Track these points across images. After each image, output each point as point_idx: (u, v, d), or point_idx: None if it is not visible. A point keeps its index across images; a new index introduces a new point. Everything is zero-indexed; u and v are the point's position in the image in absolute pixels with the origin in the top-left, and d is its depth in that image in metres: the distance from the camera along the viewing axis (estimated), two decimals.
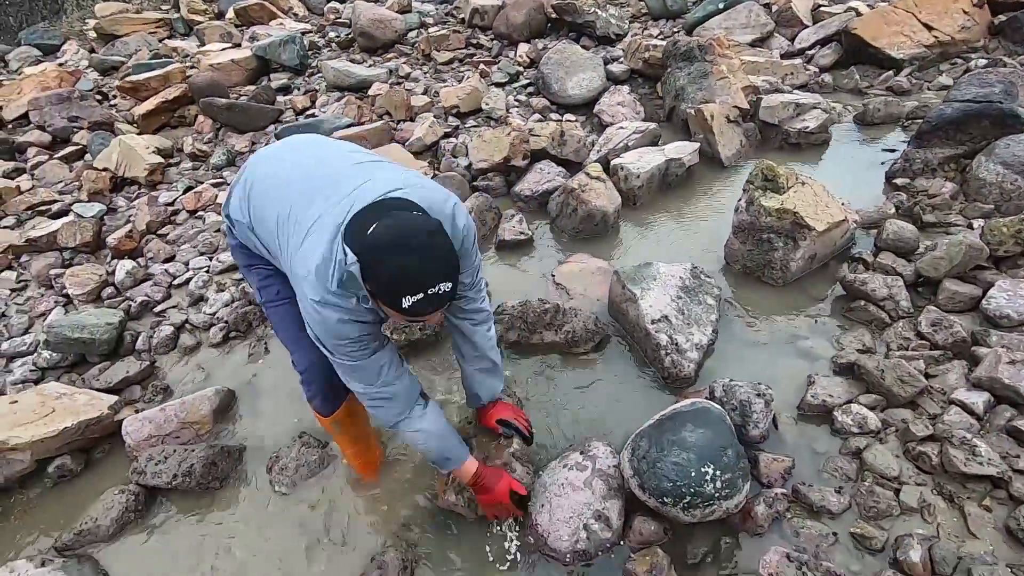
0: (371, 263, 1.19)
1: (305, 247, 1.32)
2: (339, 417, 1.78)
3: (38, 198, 3.64)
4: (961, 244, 2.20)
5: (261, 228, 1.49)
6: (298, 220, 1.36)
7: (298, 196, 1.40)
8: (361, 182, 1.36)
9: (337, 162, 1.48)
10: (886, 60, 3.92)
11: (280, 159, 1.56)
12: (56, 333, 2.40)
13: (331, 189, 1.37)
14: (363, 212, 1.28)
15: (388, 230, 1.19)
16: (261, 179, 1.53)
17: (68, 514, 1.95)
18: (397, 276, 1.17)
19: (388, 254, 1.17)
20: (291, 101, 4.64)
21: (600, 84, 4.17)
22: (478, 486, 1.66)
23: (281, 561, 1.76)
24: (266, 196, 1.49)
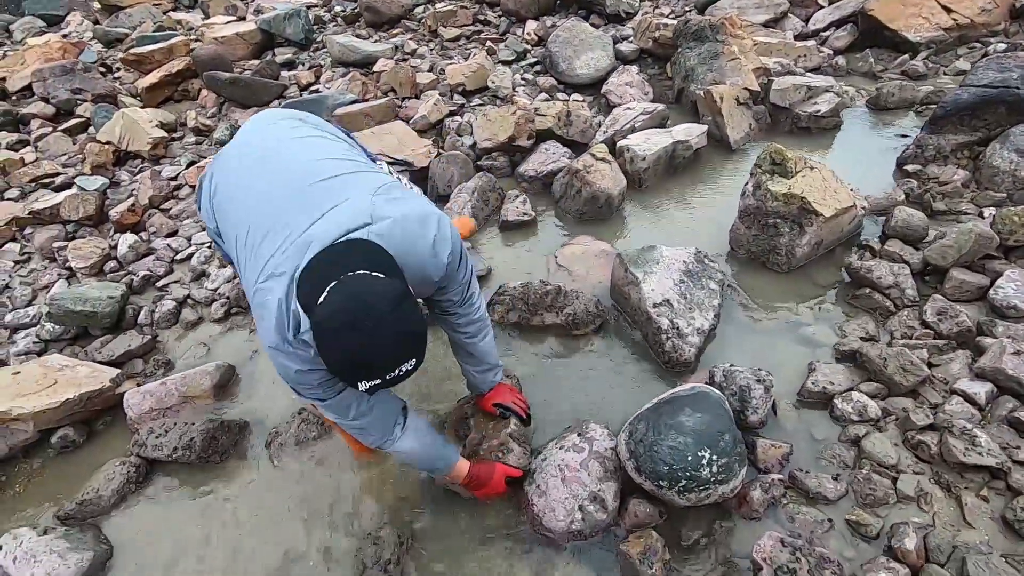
0: (322, 342, 1.04)
1: (264, 288, 1.19)
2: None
3: (41, 170, 3.64)
4: (971, 232, 2.16)
5: (223, 239, 1.42)
6: (255, 252, 1.24)
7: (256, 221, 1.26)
8: (321, 213, 1.20)
9: (304, 173, 1.30)
10: (902, 43, 3.83)
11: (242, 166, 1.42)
12: (59, 305, 2.41)
13: (290, 219, 1.21)
14: (318, 262, 1.13)
15: (339, 307, 1.02)
16: (223, 187, 1.42)
17: (70, 484, 1.98)
18: (350, 362, 1.03)
19: (340, 337, 1.01)
20: (296, 76, 4.59)
21: (609, 64, 4.10)
22: (472, 484, 1.67)
23: (279, 535, 1.78)
24: (226, 210, 1.38)
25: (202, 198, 1.53)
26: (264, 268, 1.20)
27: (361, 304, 1.02)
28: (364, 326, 1.00)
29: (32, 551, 1.68)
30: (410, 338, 1.06)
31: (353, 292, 1.04)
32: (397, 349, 1.05)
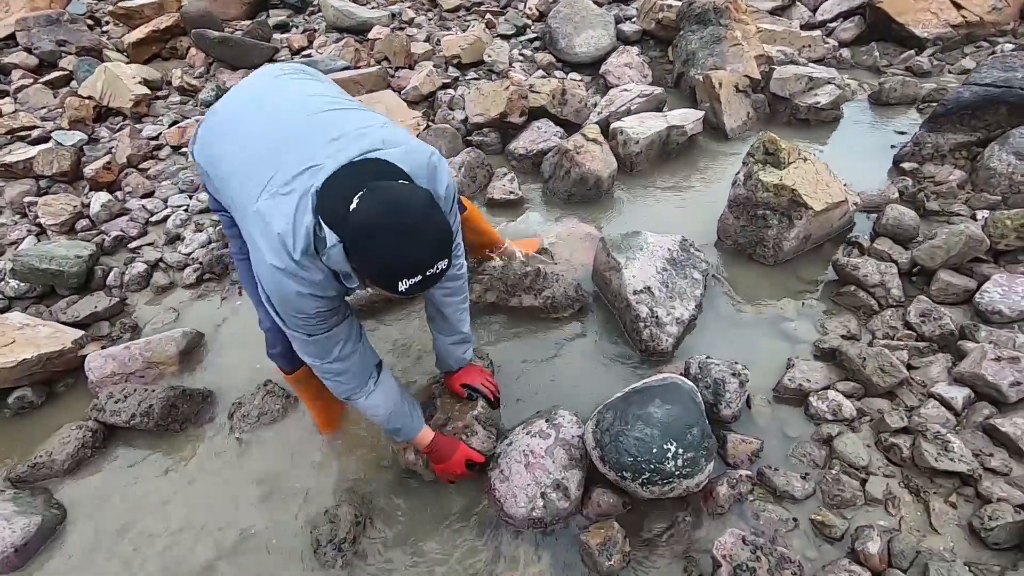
0: (360, 245, 1.07)
1: (264, 208, 1.17)
2: (300, 376, 1.74)
3: (19, 123, 3.52)
4: (961, 235, 2.11)
5: (216, 174, 1.37)
6: (256, 176, 1.22)
7: (257, 149, 1.25)
8: (330, 138, 1.21)
9: (301, 112, 1.31)
10: (909, 38, 3.74)
11: (241, 102, 1.40)
12: (23, 263, 2.33)
13: (296, 146, 1.21)
14: (338, 178, 1.14)
15: (377, 207, 1.06)
16: (220, 122, 1.39)
17: (25, 446, 1.93)
18: (392, 260, 1.06)
19: (380, 235, 1.04)
20: (288, 40, 4.46)
21: (609, 43, 3.99)
22: (432, 455, 1.64)
23: (235, 509, 1.74)
24: (222, 142, 1.35)
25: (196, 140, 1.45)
26: (266, 187, 1.18)
27: (397, 206, 1.06)
28: (404, 226, 1.05)
29: None
30: (445, 236, 1.11)
31: (387, 197, 1.07)
32: (435, 246, 1.09)
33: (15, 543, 1.58)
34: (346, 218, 1.07)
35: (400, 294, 1.10)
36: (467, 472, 1.65)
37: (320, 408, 1.89)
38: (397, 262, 1.06)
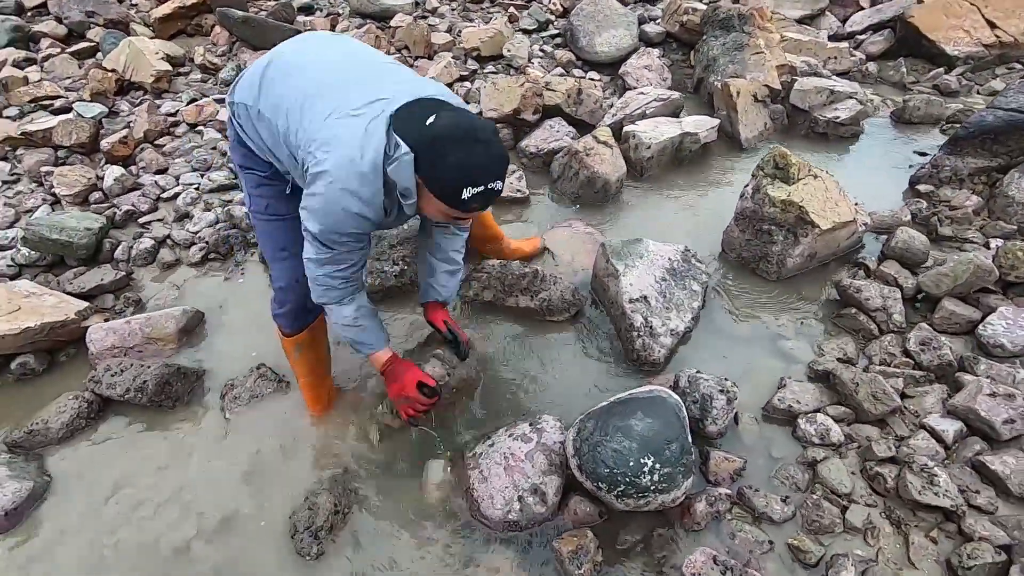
0: (435, 152, 1.18)
1: (334, 125, 1.27)
2: (301, 340, 1.78)
3: (43, 91, 3.58)
4: (970, 263, 2.07)
5: (270, 106, 1.41)
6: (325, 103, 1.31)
7: (327, 81, 1.36)
8: (402, 78, 1.36)
9: (368, 60, 1.47)
10: (939, 56, 3.64)
11: (307, 44, 1.51)
12: (34, 231, 2.38)
13: (364, 83, 1.34)
14: (411, 105, 1.26)
15: (453, 121, 1.19)
16: (285, 58, 1.47)
17: (23, 412, 1.97)
18: (463, 167, 1.17)
19: (455, 144, 1.17)
20: (311, 23, 4.47)
21: (631, 44, 3.94)
22: (387, 374, 1.68)
23: (220, 488, 1.77)
24: (289, 74, 1.42)
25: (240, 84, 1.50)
26: (334, 111, 1.28)
27: (471, 123, 1.20)
28: (477, 139, 1.19)
29: None
30: (506, 158, 1.27)
31: (461, 116, 1.22)
32: (499, 162, 1.23)
33: (5, 507, 1.63)
34: (424, 130, 1.19)
35: (460, 206, 1.21)
36: (418, 396, 1.65)
37: (312, 383, 1.91)
38: (467, 168, 1.18)
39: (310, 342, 1.82)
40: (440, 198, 1.23)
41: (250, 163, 1.60)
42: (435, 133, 1.18)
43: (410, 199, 1.29)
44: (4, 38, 4.15)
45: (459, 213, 1.28)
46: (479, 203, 1.24)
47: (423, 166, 1.21)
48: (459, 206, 1.23)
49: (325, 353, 1.92)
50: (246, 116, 1.48)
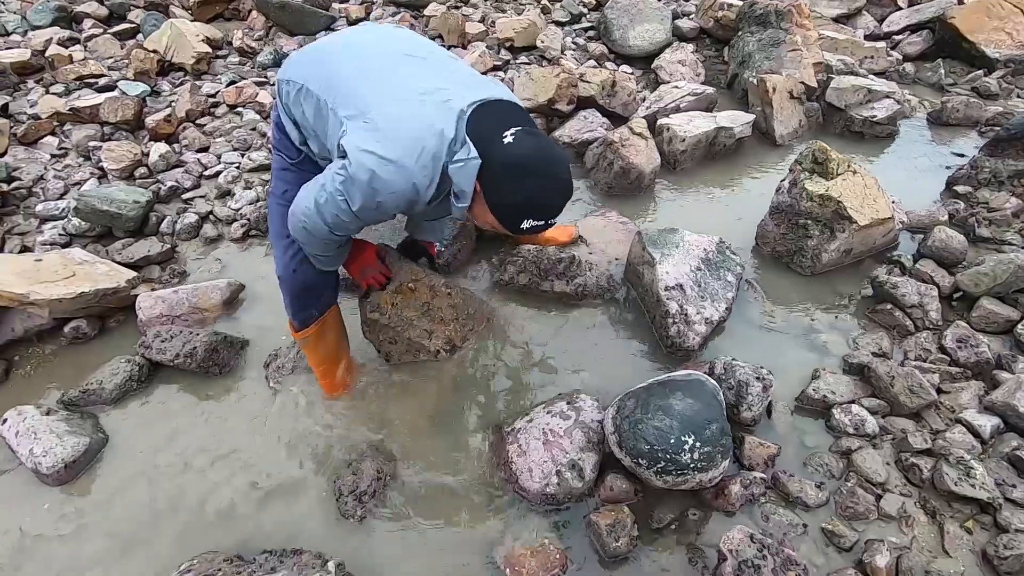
0: (509, 175, 1.14)
1: (398, 105, 1.22)
2: (308, 336, 1.81)
3: (87, 70, 3.67)
4: (1011, 264, 2.07)
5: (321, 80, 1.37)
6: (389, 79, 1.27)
7: (391, 61, 1.32)
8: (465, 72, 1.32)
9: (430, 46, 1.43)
10: (979, 58, 3.61)
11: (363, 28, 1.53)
12: (86, 203, 2.46)
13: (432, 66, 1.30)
14: (488, 109, 1.21)
15: (533, 150, 1.14)
16: (339, 38, 1.46)
17: (77, 373, 2.05)
18: (532, 200, 1.15)
19: (531, 175, 1.13)
20: (346, 9, 4.52)
21: (664, 38, 3.95)
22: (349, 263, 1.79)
23: (265, 451, 1.83)
24: (344, 53, 1.39)
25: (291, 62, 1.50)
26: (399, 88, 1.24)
27: (553, 157, 1.17)
28: (555, 176, 1.16)
29: (34, 428, 1.76)
30: (571, 193, 1.25)
31: (543, 144, 1.17)
32: (567, 199, 1.21)
33: (65, 459, 1.70)
34: (501, 147, 1.14)
35: (516, 231, 1.19)
36: (379, 264, 1.76)
37: (325, 371, 1.94)
38: (536, 203, 1.15)
39: (316, 338, 1.82)
40: (498, 218, 1.21)
41: (281, 146, 1.61)
42: (515, 158, 1.14)
43: (463, 203, 1.25)
44: (48, 18, 4.26)
45: (510, 233, 1.26)
46: (534, 232, 1.23)
47: (491, 183, 1.16)
48: (514, 230, 1.21)
49: (335, 342, 1.92)
50: (291, 93, 1.46)
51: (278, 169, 1.66)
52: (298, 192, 1.42)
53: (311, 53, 1.48)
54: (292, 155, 1.61)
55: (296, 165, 1.61)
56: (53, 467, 1.69)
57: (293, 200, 1.57)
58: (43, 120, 3.20)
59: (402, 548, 1.61)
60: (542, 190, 1.15)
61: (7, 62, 3.59)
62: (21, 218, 2.67)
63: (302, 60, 1.48)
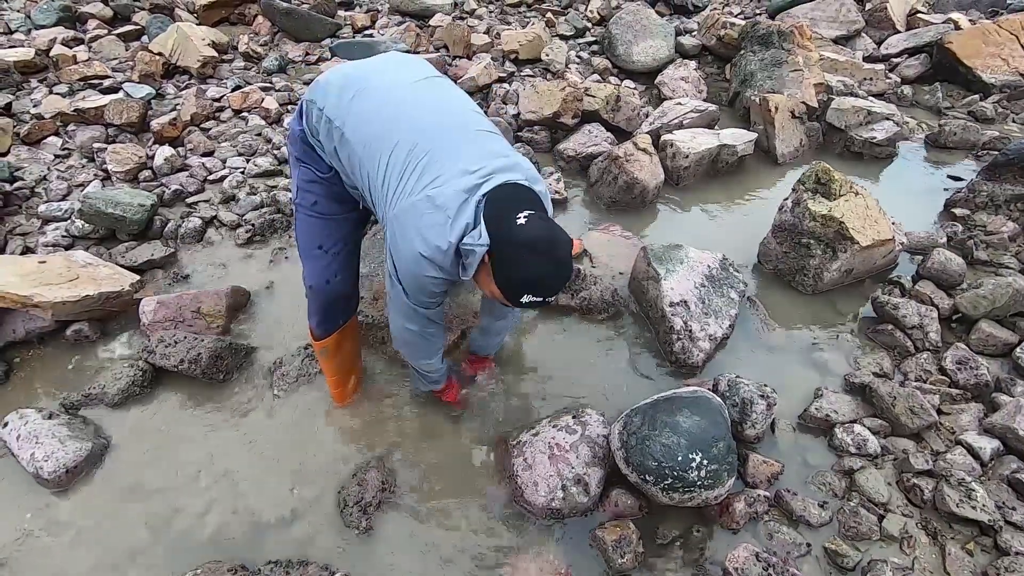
0: (517, 256, 1.23)
1: (427, 192, 1.30)
2: (328, 345, 1.81)
3: (92, 71, 3.66)
4: (1009, 287, 2.10)
5: (356, 141, 1.41)
6: (425, 160, 1.33)
7: (428, 136, 1.36)
8: (498, 154, 1.37)
9: (466, 117, 1.45)
10: (975, 82, 3.68)
11: (401, 78, 1.48)
12: (90, 204, 2.45)
13: (469, 146, 1.36)
14: (505, 191, 1.30)
15: (543, 233, 1.23)
16: (375, 89, 1.44)
17: (78, 377, 2.03)
18: (534, 278, 1.23)
19: (533, 254, 1.22)
20: (351, 17, 4.56)
21: (667, 55, 4.00)
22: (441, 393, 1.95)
23: (268, 459, 1.82)
24: (381, 115, 1.40)
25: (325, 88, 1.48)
26: (434, 182, 1.31)
27: (556, 241, 1.25)
28: (556, 257, 1.24)
29: (35, 432, 1.74)
30: (571, 277, 1.37)
31: (551, 225, 1.27)
32: (563, 283, 1.29)
33: (67, 464, 1.68)
34: (513, 227, 1.23)
35: (516, 304, 1.28)
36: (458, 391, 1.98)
37: (337, 382, 1.95)
38: (536, 281, 1.24)
39: (336, 346, 1.83)
40: (501, 290, 1.29)
41: (308, 160, 1.58)
42: (521, 238, 1.22)
43: (468, 275, 1.34)
44: (53, 17, 4.25)
45: (510, 305, 1.33)
46: (532, 307, 1.32)
47: (500, 258, 1.25)
48: (513, 302, 1.29)
49: (352, 352, 1.94)
50: (325, 126, 1.46)
51: (305, 181, 1.61)
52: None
53: (347, 92, 1.44)
54: (323, 170, 1.58)
55: (325, 179, 1.59)
56: (54, 472, 1.67)
57: (324, 211, 1.62)
58: (47, 120, 3.19)
59: (407, 559, 1.60)
60: (542, 269, 1.23)
61: (10, 61, 3.58)
62: (23, 218, 2.65)
63: (339, 98, 1.45)
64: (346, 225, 1.68)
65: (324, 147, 1.52)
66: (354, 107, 1.42)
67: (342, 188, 1.60)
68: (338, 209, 1.63)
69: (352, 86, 1.45)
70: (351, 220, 1.69)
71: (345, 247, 1.69)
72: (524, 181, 1.36)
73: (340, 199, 1.62)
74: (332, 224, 1.64)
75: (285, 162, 3.06)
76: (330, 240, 1.64)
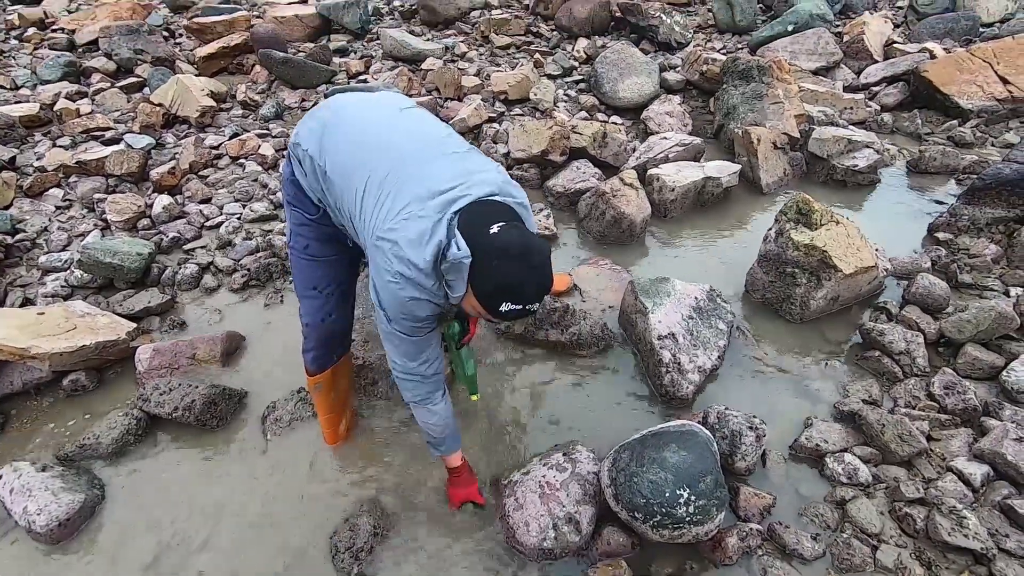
0: (491, 263, 1.23)
1: (401, 217, 1.31)
2: (322, 381, 1.84)
3: (95, 123, 3.78)
4: (992, 310, 2.13)
5: (335, 173, 1.46)
6: (397, 186, 1.35)
7: (400, 162, 1.39)
8: (470, 172, 1.39)
9: (438, 140, 1.48)
10: (952, 108, 3.78)
11: (374, 112, 1.54)
12: (89, 255, 2.51)
13: (440, 168, 1.38)
14: (478, 206, 1.31)
15: (515, 239, 1.24)
16: (349, 123, 1.50)
17: (74, 427, 2.06)
18: (510, 284, 1.23)
19: (511, 261, 1.22)
20: (346, 64, 4.71)
21: (652, 90, 4.12)
22: (453, 478, 1.79)
23: (261, 506, 1.83)
24: (356, 146, 1.45)
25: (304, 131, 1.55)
26: (406, 207, 1.33)
27: (531, 244, 1.25)
28: (531, 260, 1.23)
29: (29, 486, 1.75)
30: (549, 286, 1.30)
31: (524, 235, 1.26)
32: (543, 290, 1.27)
33: (60, 517, 1.69)
34: (486, 237, 1.24)
35: (496, 314, 1.27)
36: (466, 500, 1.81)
37: (330, 420, 1.97)
38: (512, 287, 1.23)
39: (330, 383, 1.87)
40: (479, 301, 1.29)
41: (298, 202, 1.65)
42: (498, 242, 1.23)
43: (456, 293, 1.34)
44: (58, 72, 4.41)
45: (492, 319, 1.34)
46: (513, 318, 1.30)
47: (476, 270, 1.25)
48: (494, 314, 1.28)
49: (345, 391, 1.99)
50: (309, 164, 1.52)
51: (296, 224, 1.68)
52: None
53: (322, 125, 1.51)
54: (311, 212, 1.64)
55: (315, 221, 1.65)
56: (47, 526, 1.68)
57: (315, 253, 1.67)
58: (49, 172, 3.28)
59: None
60: (518, 274, 1.22)
61: (16, 116, 3.70)
62: (24, 270, 2.71)
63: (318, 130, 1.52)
64: (339, 267, 1.75)
65: (312, 186, 1.57)
66: (331, 141, 1.48)
67: (332, 229, 1.65)
68: (329, 251, 1.69)
69: (329, 121, 1.52)
70: (343, 262, 1.76)
71: (339, 288, 1.76)
72: (499, 196, 1.38)
73: (330, 240, 1.68)
74: (325, 266, 1.70)
75: (281, 206, 3.14)
76: (323, 281, 1.71)
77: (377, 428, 2.06)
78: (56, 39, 4.87)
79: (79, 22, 5.10)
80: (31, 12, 5.27)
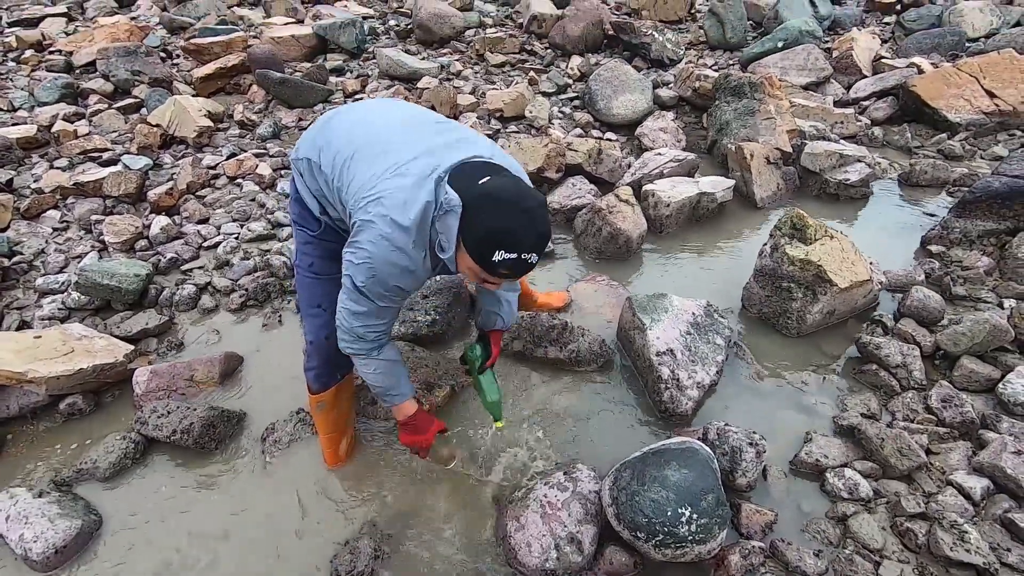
0: (481, 210, 1.20)
1: (390, 181, 1.32)
2: (325, 399, 1.85)
3: (92, 144, 3.79)
4: (986, 323, 2.14)
5: (328, 161, 1.48)
6: (385, 153, 1.37)
7: (390, 134, 1.42)
8: (459, 137, 1.41)
9: (430, 116, 1.53)
10: (941, 122, 3.84)
11: (368, 104, 1.60)
12: (87, 277, 2.50)
13: (429, 136, 1.40)
14: (469, 164, 1.31)
15: (505, 185, 1.21)
16: (346, 113, 1.56)
17: (72, 451, 2.04)
18: (501, 229, 1.19)
19: (500, 206, 1.19)
20: (342, 83, 4.75)
21: (646, 107, 4.17)
22: (409, 425, 1.77)
23: (261, 529, 1.81)
24: (348, 131, 1.49)
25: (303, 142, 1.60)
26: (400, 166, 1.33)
27: (522, 190, 1.21)
28: (523, 207, 1.19)
29: (25, 512, 1.73)
30: (547, 234, 1.25)
31: (514, 182, 1.23)
32: (539, 237, 1.22)
33: (56, 544, 1.67)
34: (475, 187, 1.21)
35: (489, 267, 1.22)
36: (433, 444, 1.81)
37: (332, 440, 1.97)
38: (506, 233, 1.18)
39: (333, 402, 1.88)
40: (471, 255, 1.24)
41: (303, 220, 1.69)
42: (488, 189, 1.21)
43: (447, 252, 1.31)
44: (56, 94, 4.43)
45: (487, 275, 1.28)
46: (509, 269, 1.22)
47: (467, 220, 1.22)
48: (488, 267, 1.22)
49: (347, 410, 1.99)
50: (308, 170, 1.57)
51: (301, 243, 1.72)
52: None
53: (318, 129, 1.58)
54: (313, 228, 1.68)
55: (318, 237, 1.68)
56: (43, 553, 1.66)
57: (319, 271, 1.70)
58: (47, 194, 3.29)
59: None
60: (510, 219, 1.18)
61: (13, 138, 3.72)
62: (20, 292, 2.70)
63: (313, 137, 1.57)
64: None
65: (313, 191, 1.60)
66: (330, 131, 1.53)
67: (336, 246, 1.65)
68: (334, 269, 1.69)
69: (327, 119, 1.58)
70: None
71: None
72: (491, 159, 1.37)
73: (335, 258, 1.67)
74: (329, 284, 1.71)
75: (279, 226, 3.15)
76: (327, 299, 1.71)
77: (377, 449, 2.05)
78: (53, 61, 4.91)
79: (76, 44, 5.14)
80: (29, 34, 5.31)
